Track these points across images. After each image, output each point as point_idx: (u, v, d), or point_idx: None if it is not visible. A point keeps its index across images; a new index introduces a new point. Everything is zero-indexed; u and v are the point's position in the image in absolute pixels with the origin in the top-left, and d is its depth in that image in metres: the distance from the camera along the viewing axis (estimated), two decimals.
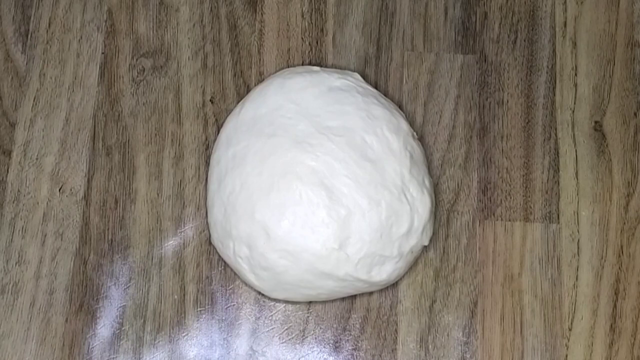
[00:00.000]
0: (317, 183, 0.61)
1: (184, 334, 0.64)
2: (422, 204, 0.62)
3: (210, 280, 0.65)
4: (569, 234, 0.66)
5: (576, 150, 0.68)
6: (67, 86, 0.69)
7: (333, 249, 0.60)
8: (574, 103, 0.69)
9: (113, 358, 0.63)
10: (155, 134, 0.68)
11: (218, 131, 0.67)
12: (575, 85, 0.70)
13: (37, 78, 0.69)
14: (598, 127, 0.69)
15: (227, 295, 0.64)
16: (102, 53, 0.70)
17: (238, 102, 0.68)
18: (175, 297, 0.64)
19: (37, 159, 0.67)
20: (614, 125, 0.69)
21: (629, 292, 0.65)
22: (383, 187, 0.61)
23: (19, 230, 0.66)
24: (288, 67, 0.70)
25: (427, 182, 0.64)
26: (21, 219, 0.66)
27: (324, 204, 0.61)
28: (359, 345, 0.64)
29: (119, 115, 0.69)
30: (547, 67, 0.70)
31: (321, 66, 0.69)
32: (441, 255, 0.65)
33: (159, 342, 0.63)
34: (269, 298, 0.64)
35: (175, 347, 0.63)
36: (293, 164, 0.62)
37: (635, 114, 0.69)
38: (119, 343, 0.63)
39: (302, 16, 0.71)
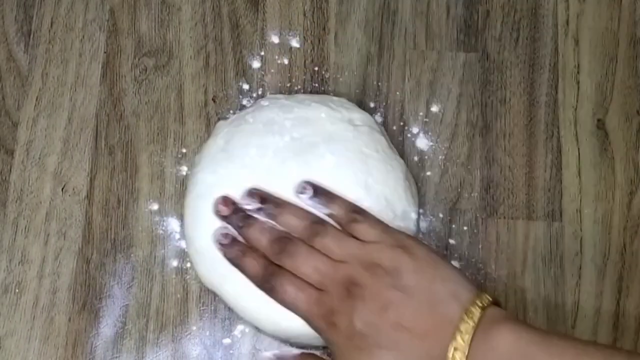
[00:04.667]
0: None
1: (187, 333, 0.64)
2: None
3: None
4: (572, 232, 0.66)
5: (579, 148, 0.68)
6: (69, 85, 0.69)
7: None
8: (577, 101, 0.69)
9: (116, 357, 0.63)
10: (158, 133, 0.68)
11: None
12: (578, 83, 0.70)
13: (39, 77, 0.69)
14: (600, 125, 0.69)
15: None
16: (105, 52, 0.70)
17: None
18: (178, 296, 0.64)
19: (39, 158, 0.67)
20: (617, 123, 0.69)
21: (632, 290, 0.65)
22: None
23: (21, 230, 0.66)
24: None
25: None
26: (24, 219, 0.66)
27: None
28: None
29: (121, 114, 0.69)
30: (550, 65, 0.70)
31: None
32: (444, 253, 0.65)
33: (162, 341, 0.63)
34: None
35: (178, 346, 0.63)
36: None
37: (637, 112, 0.69)
38: (122, 342, 0.63)
39: (304, 15, 0.71)
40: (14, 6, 0.71)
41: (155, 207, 0.66)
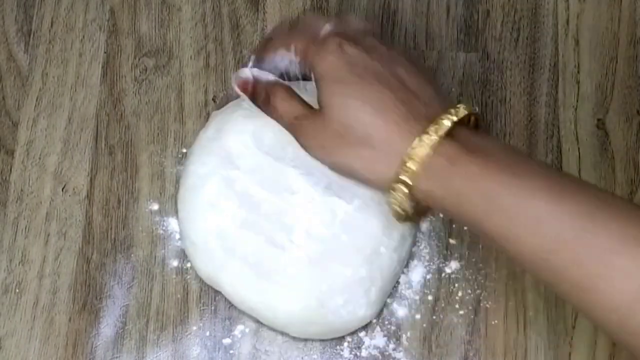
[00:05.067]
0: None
1: (187, 333, 0.64)
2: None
3: None
4: None
5: (579, 148, 0.68)
6: (69, 85, 0.69)
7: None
8: (577, 101, 0.69)
9: (116, 357, 0.63)
10: (158, 133, 0.68)
11: None
12: (578, 83, 0.70)
13: (39, 77, 0.69)
14: (601, 125, 0.69)
15: None
16: (105, 52, 0.70)
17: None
18: (178, 296, 0.64)
19: (40, 158, 0.67)
20: (617, 123, 0.69)
21: None
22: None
23: (22, 230, 0.66)
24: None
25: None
26: (24, 219, 0.66)
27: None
28: (363, 342, 0.63)
29: (121, 114, 0.69)
30: (550, 65, 0.70)
31: None
32: (444, 253, 0.65)
33: (162, 341, 0.63)
34: None
35: (179, 346, 0.63)
36: None
37: (638, 112, 0.69)
38: (123, 342, 0.63)
39: (304, 14, 0.71)
40: (14, 6, 0.71)
41: (155, 207, 0.66)
